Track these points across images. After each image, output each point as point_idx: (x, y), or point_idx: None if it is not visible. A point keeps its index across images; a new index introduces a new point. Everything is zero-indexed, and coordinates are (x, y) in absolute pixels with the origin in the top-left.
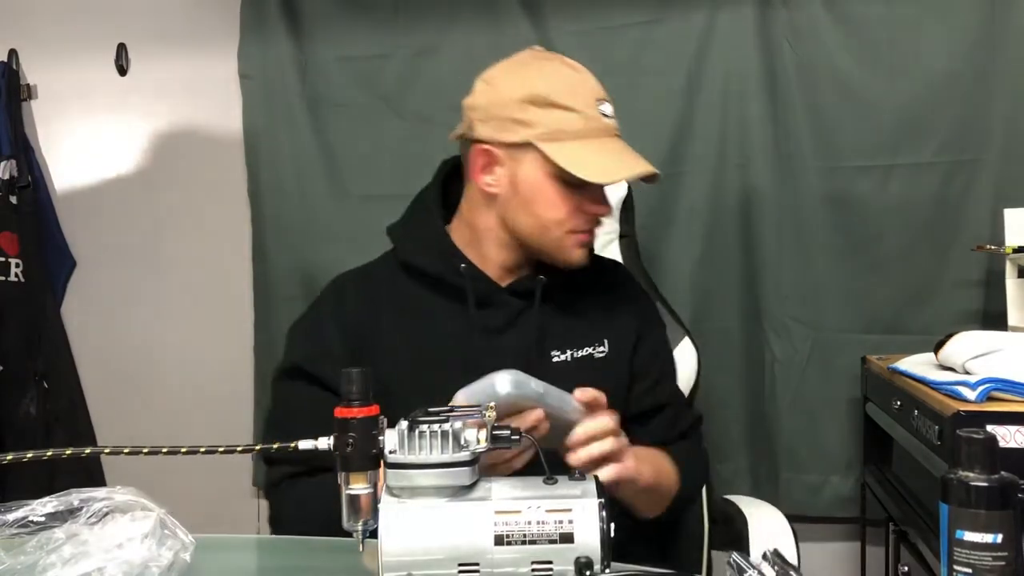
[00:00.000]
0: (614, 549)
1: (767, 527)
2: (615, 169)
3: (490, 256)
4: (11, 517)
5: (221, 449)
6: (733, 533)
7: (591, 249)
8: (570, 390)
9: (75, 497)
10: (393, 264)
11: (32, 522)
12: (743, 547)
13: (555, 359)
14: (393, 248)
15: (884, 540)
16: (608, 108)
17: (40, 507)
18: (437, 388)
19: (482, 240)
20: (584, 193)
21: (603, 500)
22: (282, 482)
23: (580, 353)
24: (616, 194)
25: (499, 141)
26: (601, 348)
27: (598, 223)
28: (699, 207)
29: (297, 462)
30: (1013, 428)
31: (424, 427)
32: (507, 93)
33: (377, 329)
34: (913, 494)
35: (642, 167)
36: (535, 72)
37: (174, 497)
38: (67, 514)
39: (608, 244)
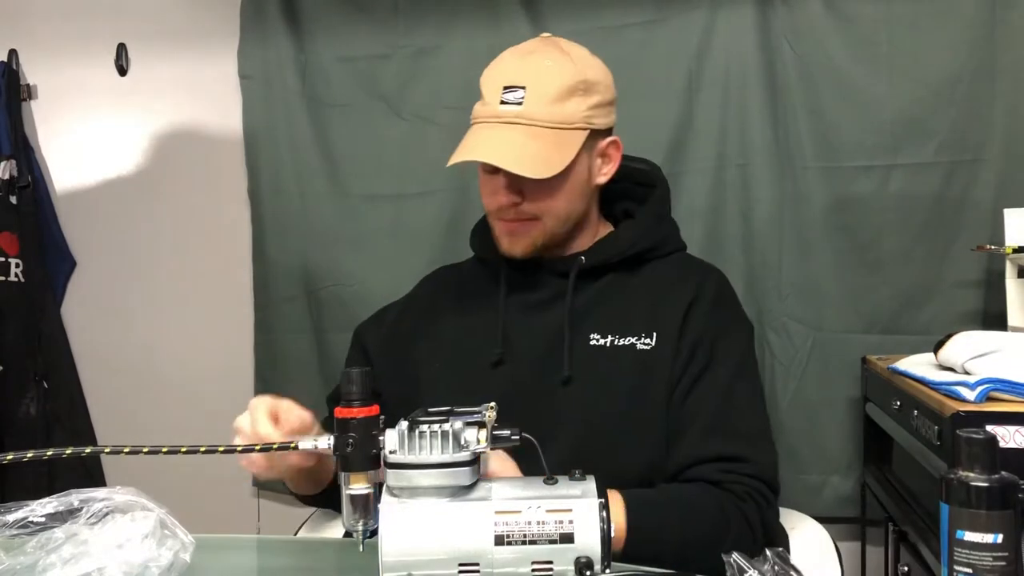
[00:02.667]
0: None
1: (808, 540)
2: (455, 155)
3: None
4: (11, 517)
5: (221, 449)
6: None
7: (553, 245)
8: (603, 375)
9: (75, 497)
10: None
11: (32, 522)
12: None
13: (592, 342)
14: None
15: (884, 540)
16: (514, 95)
17: (40, 507)
18: (467, 364)
19: None
20: (494, 180)
21: (603, 500)
22: None
23: (623, 341)
24: None
25: None
26: (647, 340)
27: (517, 213)
28: (699, 207)
29: None
30: (1013, 428)
31: (424, 427)
32: None
33: (433, 312)
34: (913, 494)
35: (474, 154)
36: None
37: (174, 497)
38: (67, 514)
39: None
